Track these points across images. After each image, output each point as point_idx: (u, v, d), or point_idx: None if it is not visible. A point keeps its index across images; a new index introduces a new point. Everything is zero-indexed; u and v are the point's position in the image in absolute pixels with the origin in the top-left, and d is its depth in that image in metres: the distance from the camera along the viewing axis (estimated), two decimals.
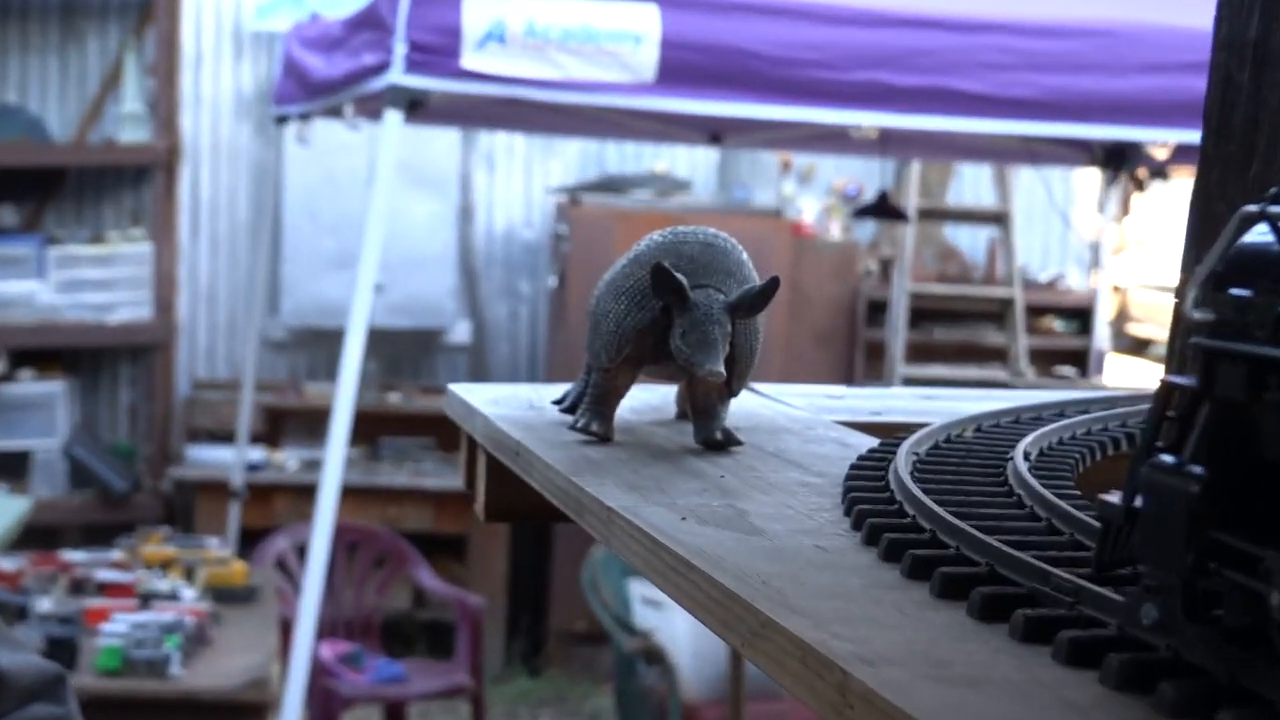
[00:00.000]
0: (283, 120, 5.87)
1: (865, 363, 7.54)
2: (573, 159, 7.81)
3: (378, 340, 6.95)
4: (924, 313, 7.67)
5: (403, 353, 7.74)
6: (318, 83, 5.10)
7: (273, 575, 5.63)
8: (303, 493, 6.51)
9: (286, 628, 4.67)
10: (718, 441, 1.37)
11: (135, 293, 7.16)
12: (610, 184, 7.45)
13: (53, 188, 7.42)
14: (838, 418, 1.59)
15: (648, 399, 1.61)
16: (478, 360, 7.75)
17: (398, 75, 4.14)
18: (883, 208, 6.44)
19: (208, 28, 7.53)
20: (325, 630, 5.90)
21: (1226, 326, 0.72)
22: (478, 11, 4.13)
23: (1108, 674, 0.76)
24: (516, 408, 1.56)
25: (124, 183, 7.44)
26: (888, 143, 5.79)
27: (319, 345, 7.56)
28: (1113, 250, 7.76)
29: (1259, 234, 0.74)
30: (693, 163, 7.87)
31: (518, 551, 7.30)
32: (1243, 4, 1.17)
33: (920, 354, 7.64)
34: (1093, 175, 7.38)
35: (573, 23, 4.16)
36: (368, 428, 6.90)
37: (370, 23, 4.39)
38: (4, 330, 6.97)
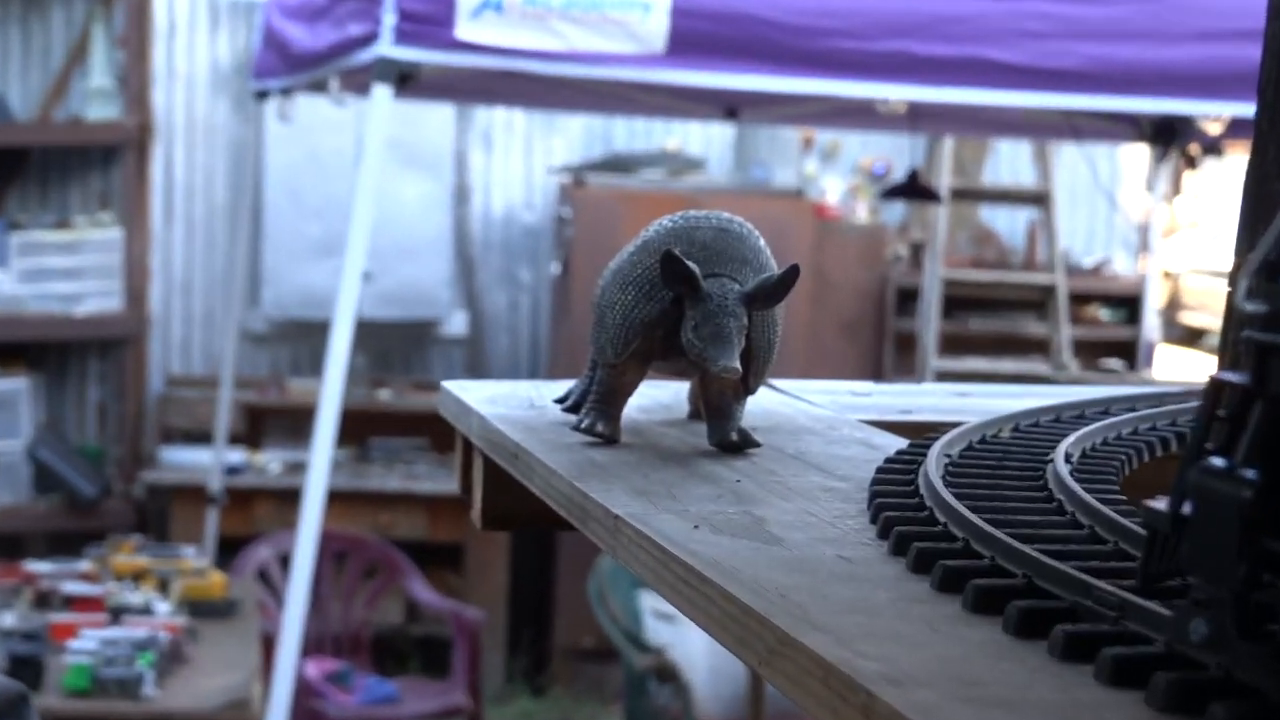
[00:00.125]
0: (263, 96, 5.88)
1: (894, 356, 7.54)
2: (576, 136, 7.81)
3: (366, 333, 6.96)
4: (958, 301, 7.67)
5: (393, 346, 7.75)
6: (300, 55, 5.11)
7: (254, 587, 5.64)
8: (286, 498, 6.52)
9: (269, 644, 4.67)
10: (733, 443, 1.38)
11: (104, 282, 7.17)
12: (617, 163, 7.45)
13: (15, 170, 7.43)
14: (864, 416, 1.59)
15: (658, 397, 1.62)
16: (474, 354, 7.76)
17: (387, 47, 4.15)
18: (913, 188, 6.43)
19: None
20: (311, 647, 5.91)
21: None
22: None
23: (1154, 695, 0.76)
24: (515, 406, 1.56)
25: (92, 164, 7.46)
26: (918, 117, 5.78)
27: (303, 338, 7.57)
28: (1163, 233, 7.75)
29: None
30: (706, 140, 7.87)
31: (519, 561, 7.31)
32: None
33: (954, 346, 7.64)
34: (1140, 152, 7.37)
35: None
36: (356, 427, 6.91)
37: None
38: None
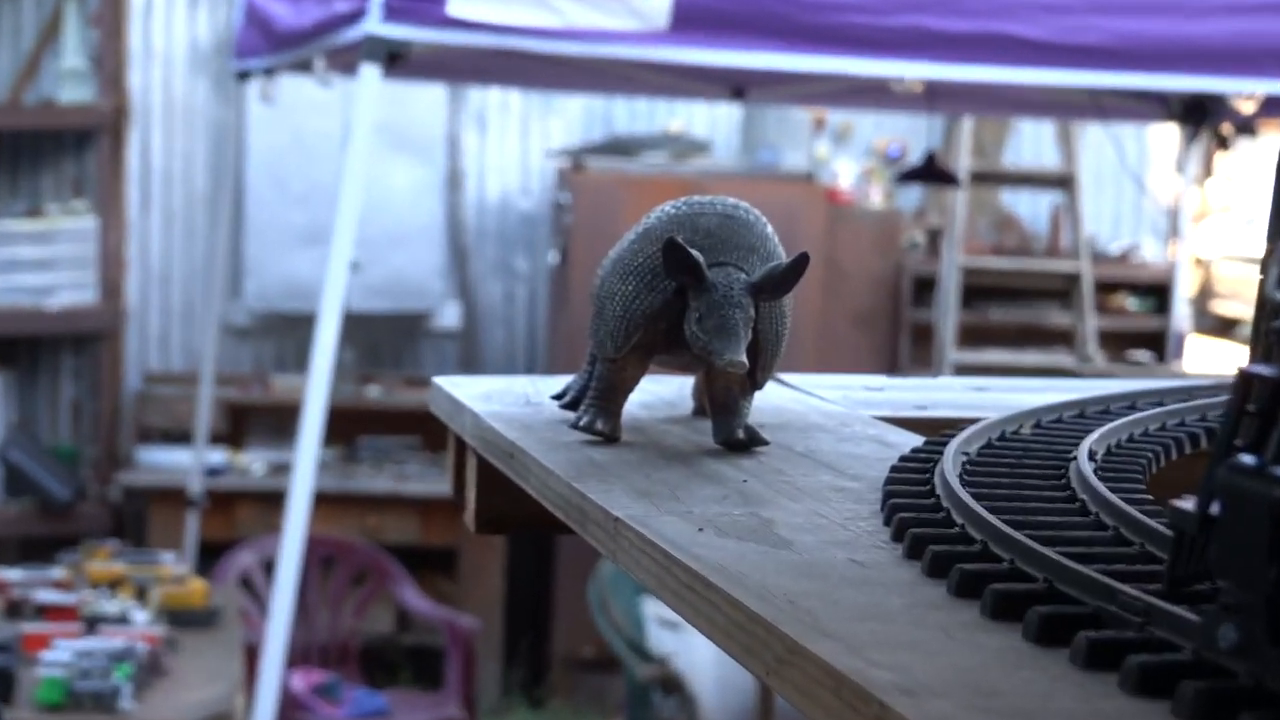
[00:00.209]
0: (245, 76, 5.88)
1: (910, 348, 7.54)
2: (575, 118, 7.81)
3: (354, 326, 6.97)
4: (978, 290, 7.67)
5: (383, 340, 7.75)
6: (284, 33, 5.10)
7: (236, 595, 5.65)
8: (270, 500, 6.53)
9: (252, 655, 4.68)
10: (740, 441, 1.38)
11: (78, 274, 7.18)
12: (618, 146, 7.45)
13: None
14: (877, 412, 1.59)
15: (660, 393, 1.62)
16: (468, 348, 7.76)
17: (375, 24, 4.14)
18: (930, 171, 6.43)
19: None
20: (296, 658, 5.92)
21: None
22: None
23: (1181, 704, 0.77)
24: (511, 403, 1.56)
25: (64, 149, 7.45)
26: (935, 97, 5.78)
27: (287, 332, 7.57)
28: (1193, 217, 7.75)
29: None
30: (712, 121, 7.87)
31: (515, 566, 7.31)
32: None
33: (974, 337, 7.64)
34: (1170, 132, 7.36)
35: None
36: (344, 426, 6.91)
37: None
38: None
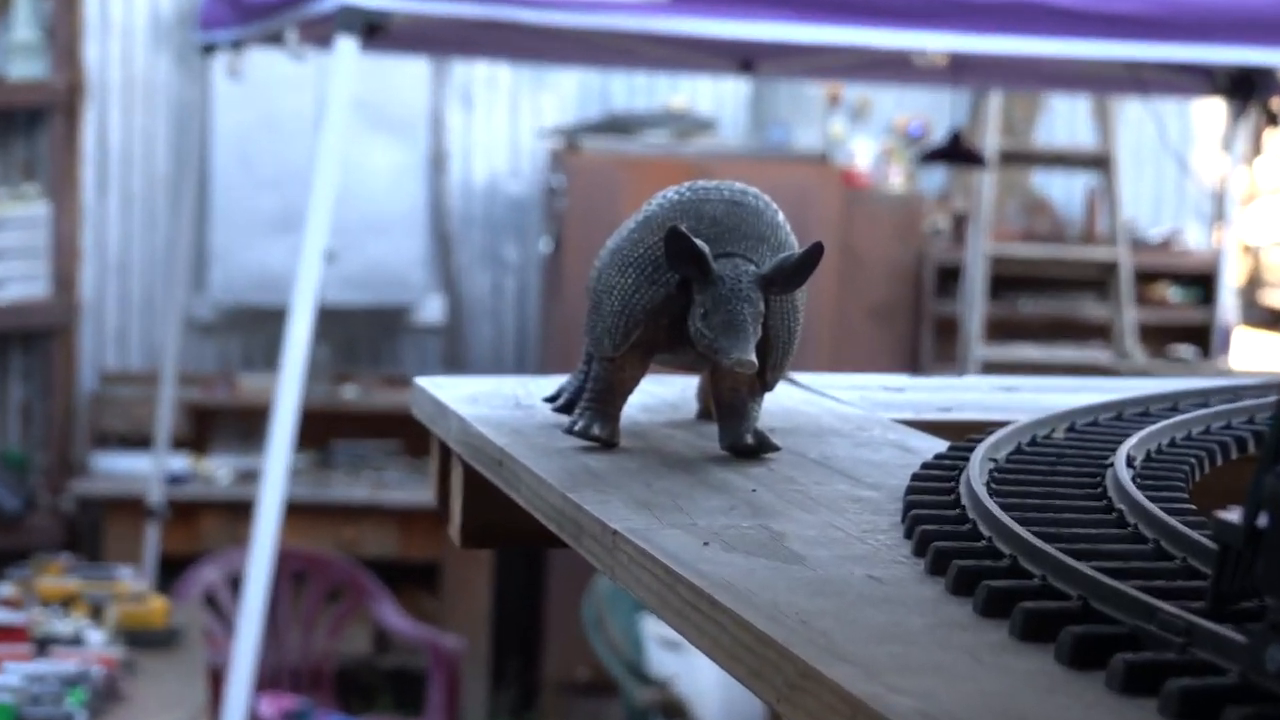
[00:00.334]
0: (210, 49, 5.87)
1: (933, 343, 7.54)
2: (569, 94, 7.81)
3: (329, 320, 6.96)
4: (1006, 280, 7.67)
5: (360, 336, 7.75)
6: (253, 3, 5.10)
7: (200, 614, 5.64)
8: (237, 511, 6.53)
9: (217, 679, 4.67)
10: (748, 446, 1.38)
11: (28, 264, 7.17)
12: (616, 124, 7.45)
13: None
14: (897, 415, 1.59)
15: (662, 394, 1.62)
16: (453, 345, 7.76)
17: None
18: (955, 150, 6.43)
19: None
20: (266, 681, 5.92)
21: None
22: None
23: None
24: (500, 406, 1.56)
25: (14, 128, 7.45)
26: (960, 70, 5.78)
27: (256, 327, 7.57)
28: (1241, 200, 7.74)
29: None
30: (718, 97, 7.87)
31: (504, 581, 7.31)
32: None
33: (1002, 331, 7.64)
34: (1215, 107, 7.36)
35: None
36: (318, 429, 6.92)
37: None
38: None
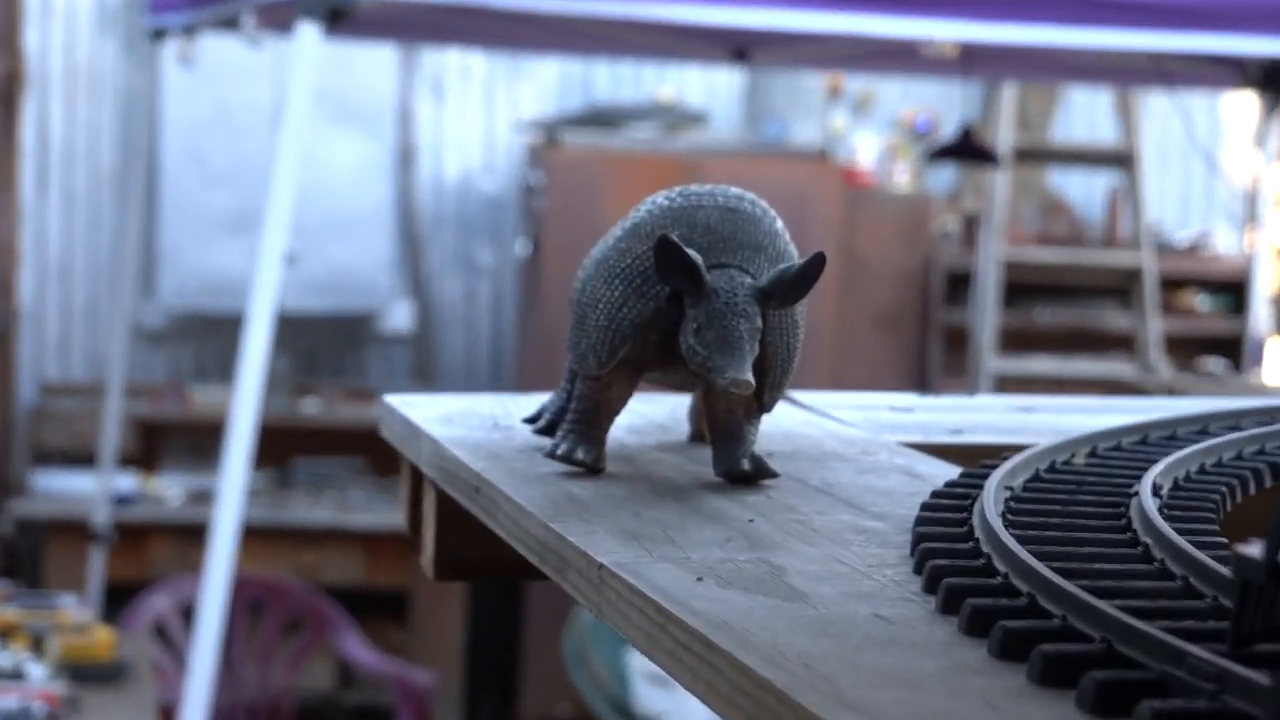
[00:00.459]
0: (160, 35, 5.87)
1: (942, 355, 7.55)
2: (548, 85, 7.81)
3: (289, 328, 6.96)
4: (1021, 287, 7.68)
5: (322, 345, 7.74)
6: None
7: (149, 646, 5.63)
8: (189, 534, 6.52)
9: (168, 716, 4.67)
10: (744, 473, 1.38)
11: None
12: (599, 117, 7.45)
13: None
14: (905, 438, 1.60)
15: (651, 415, 1.62)
16: (423, 356, 7.76)
17: None
18: (966, 147, 6.44)
19: None
20: (221, 719, 5.91)
21: None
22: None
23: None
24: (476, 427, 1.56)
25: None
26: (971, 60, 5.79)
27: (209, 336, 7.56)
28: (1275, 201, 7.76)
29: None
30: (709, 88, 7.87)
31: (478, 611, 7.30)
32: None
33: (1016, 343, 7.65)
34: (1247, 101, 7.37)
35: None
36: (276, 445, 6.90)
37: None
38: None
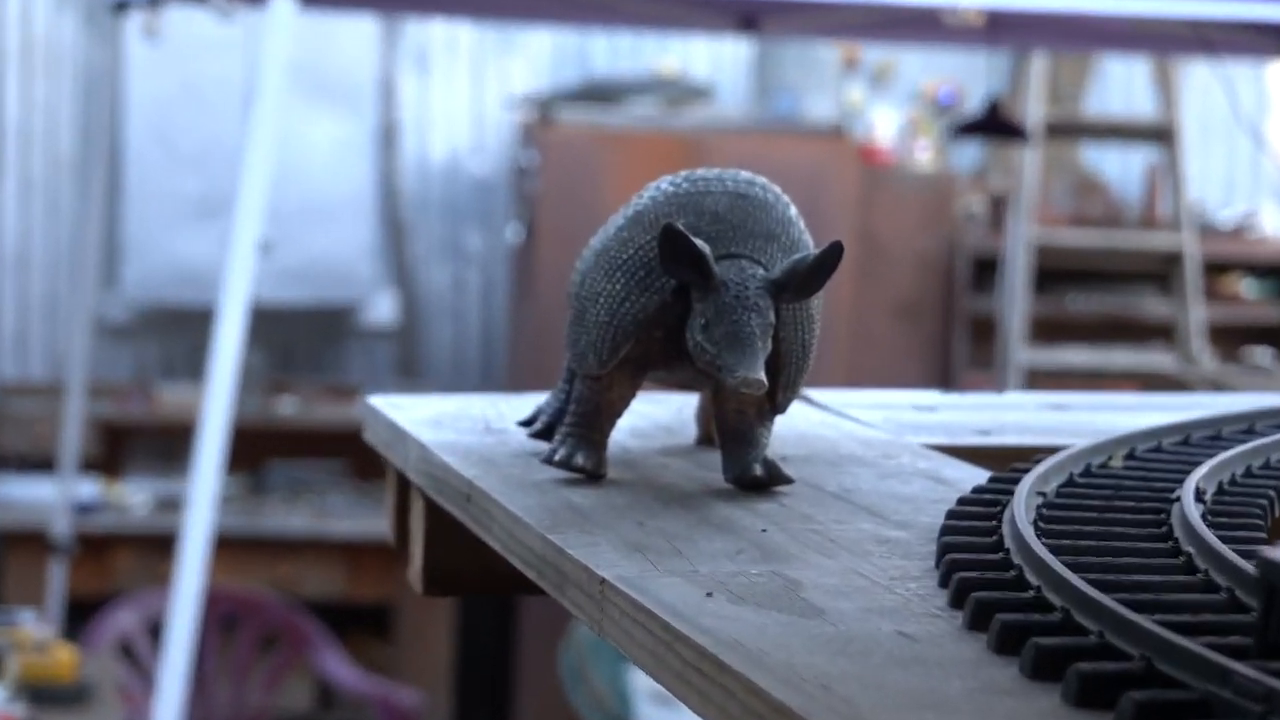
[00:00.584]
0: (122, 8, 5.86)
1: (968, 346, 7.53)
2: (542, 58, 7.81)
3: (264, 322, 6.95)
4: (1053, 273, 7.67)
5: (300, 339, 7.74)
6: None
7: (113, 666, 5.64)
8: (156, 545, 6.52)
9: None
10: (757, 479, 1.38)
11: None
12: (597, 92, 7.44)
13: None
14: (930, 439, 1.60)
15: (656, 416, 1.62)
16: (407, 350, 7.75)
17: None
18: (992, 122, 6.43)
19: None
20: None
21: None
22: None
23: None
24: (467, 430, 1.56)
25: None
26: (998, 29, 5.79)
27: (178, 330, 7.56)
28: None
29: None
30: (716, 61, 7.86)
31: (468, 626, 7.30)
32: None
33: (1049, 332, 7.64)
34: None
35: None
36: (250, 448, 6.90)
37: None
38: None
